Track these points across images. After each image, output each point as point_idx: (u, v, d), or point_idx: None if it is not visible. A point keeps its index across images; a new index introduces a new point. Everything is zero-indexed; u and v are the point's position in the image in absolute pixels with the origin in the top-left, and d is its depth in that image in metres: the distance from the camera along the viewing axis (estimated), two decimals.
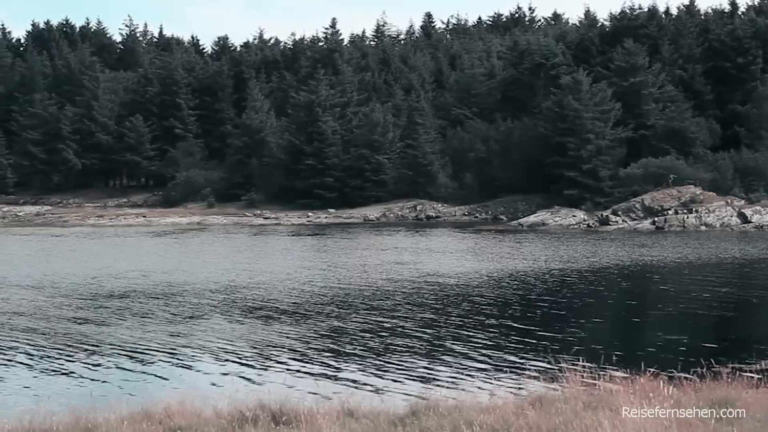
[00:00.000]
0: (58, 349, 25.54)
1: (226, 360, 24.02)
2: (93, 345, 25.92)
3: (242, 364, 23.51)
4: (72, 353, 24.88)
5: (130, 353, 24.74)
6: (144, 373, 22.71)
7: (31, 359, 24.30)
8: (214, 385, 20.92)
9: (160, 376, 22.30)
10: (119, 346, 25.75)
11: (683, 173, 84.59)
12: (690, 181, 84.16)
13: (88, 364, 23.67)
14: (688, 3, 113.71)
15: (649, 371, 16.31)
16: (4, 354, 25.00)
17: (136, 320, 30.22)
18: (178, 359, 24.08)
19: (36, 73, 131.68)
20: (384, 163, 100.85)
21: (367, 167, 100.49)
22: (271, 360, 23.93)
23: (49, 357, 24.57)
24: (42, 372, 22.83)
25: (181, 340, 26.50)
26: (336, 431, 12.88)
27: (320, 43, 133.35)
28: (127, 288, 38.91)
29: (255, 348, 25.42)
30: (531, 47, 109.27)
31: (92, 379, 21.96)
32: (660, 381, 15.20)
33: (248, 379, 21.49)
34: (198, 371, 22.86)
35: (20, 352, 25.14)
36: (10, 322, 30.09)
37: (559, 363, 18.57)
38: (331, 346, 25.76)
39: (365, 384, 20.61)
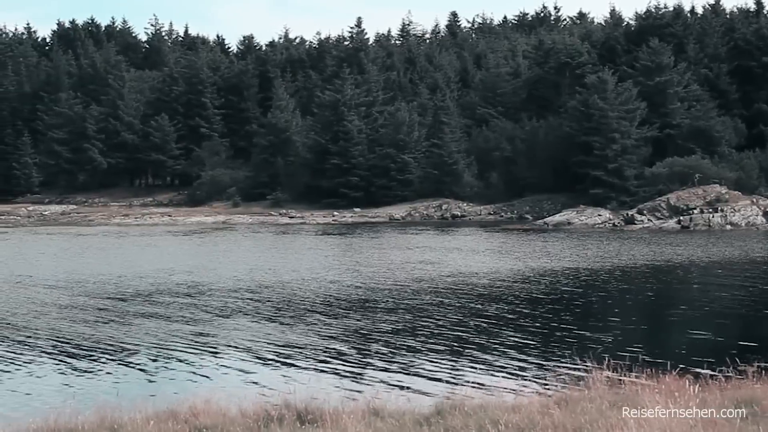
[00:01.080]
0: (84, 348, 25.64)
1: (252, 359, 24.07)
2: (119, 344, 26.01)
3: (268, 363, 23.55)
4: (98, 352, 24.98)
5: (156, 352, 24.83)
6: (170, 372, 22.79)
7: (57, 358, 24.39)
8: (239, 384, 20.96)
9: (185, 375, 22.36)
10: (145, 345, 25.85)
11: (708, 172, 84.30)
12: (715, 180, 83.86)
13: (114, 362, 23.77)
14: (713, 2, 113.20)
15: (675, 370, 16.28)
16: (31, 353, 25.10)
17: (162, 319, 30.31)
18: (203, 358, 24.13)
19: (61, 72, 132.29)
20: (409, 162, 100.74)
21: (393, 166, 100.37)
22: (297, 359, 23.94)
23: (74, 356, 24.66)
24: (67, 371, 22.90)
25: (207, 339, 26.56)
26: (361, 430, 12.88)
27: (345, 43, 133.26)
28: (153, 287, 39.02)
29: (281, 347, 25.43)
30: (556, 46, 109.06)
31: (118, 378, 22.03)
32: (685, 380, 15.15)
33: (274, 379, 21.50)
34: (224, 370, 22.89)
35: (46, 351, 25.25)
36: (37, 321, 30.23)
37: (585, 362, 18.50)
38: (357, 345, 25.78)
39: (391, 383, 20.60)
